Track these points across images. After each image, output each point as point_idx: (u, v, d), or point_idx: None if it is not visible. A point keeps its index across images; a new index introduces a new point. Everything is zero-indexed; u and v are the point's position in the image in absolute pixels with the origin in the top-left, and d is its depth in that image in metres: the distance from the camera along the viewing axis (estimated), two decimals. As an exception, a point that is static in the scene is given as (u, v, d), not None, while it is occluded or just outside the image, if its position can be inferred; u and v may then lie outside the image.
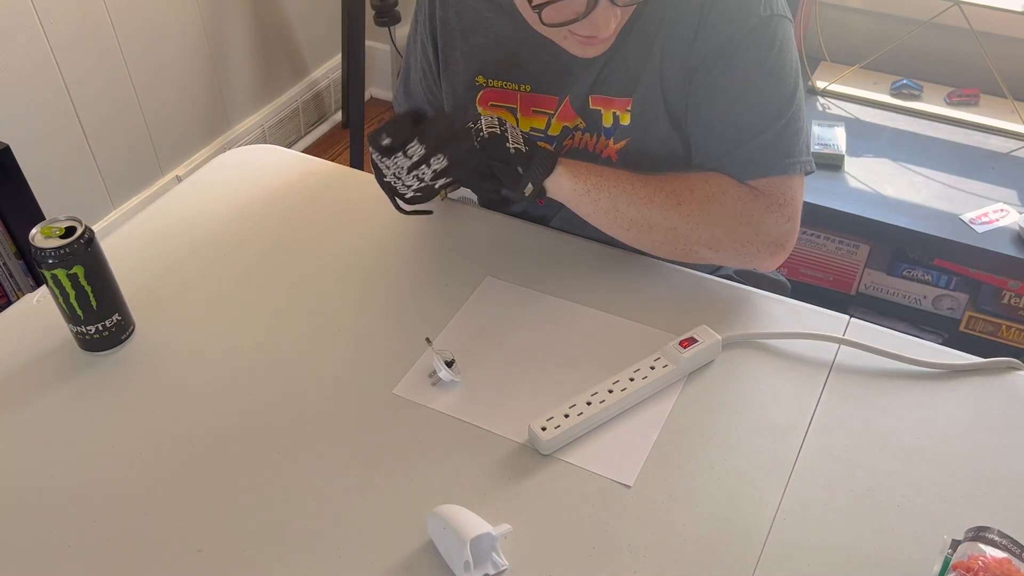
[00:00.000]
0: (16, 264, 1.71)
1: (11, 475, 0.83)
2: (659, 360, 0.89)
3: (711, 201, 0.94)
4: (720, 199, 0.94)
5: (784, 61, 0.93)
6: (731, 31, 0.92)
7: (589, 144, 1.04)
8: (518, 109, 1.06)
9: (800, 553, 0.75)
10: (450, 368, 0.89)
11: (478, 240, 1.09)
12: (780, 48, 0.93)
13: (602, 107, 1.01)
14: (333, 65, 2.78)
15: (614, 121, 1.01)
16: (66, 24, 1.92)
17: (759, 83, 0.93)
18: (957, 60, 2.01)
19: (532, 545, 0.76)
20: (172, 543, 0.77)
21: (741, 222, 0.94)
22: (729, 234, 0.94)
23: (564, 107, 1.03)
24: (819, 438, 0.85)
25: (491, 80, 1.05)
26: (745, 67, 0.93)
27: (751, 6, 0.92)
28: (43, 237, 0.87)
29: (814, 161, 0.98)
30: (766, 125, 0.94)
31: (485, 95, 1.07)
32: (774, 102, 0.94)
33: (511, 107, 1.06)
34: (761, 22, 0.92)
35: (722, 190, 0.95)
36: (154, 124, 2.22)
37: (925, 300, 1.86)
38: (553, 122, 1.04)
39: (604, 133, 1.02)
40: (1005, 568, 0.66)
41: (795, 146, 0.95)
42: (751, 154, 0.95)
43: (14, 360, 0.94)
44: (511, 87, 1.05)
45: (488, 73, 1.05)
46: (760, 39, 0.92)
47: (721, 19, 0.92)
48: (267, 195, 1.18)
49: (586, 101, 1.01)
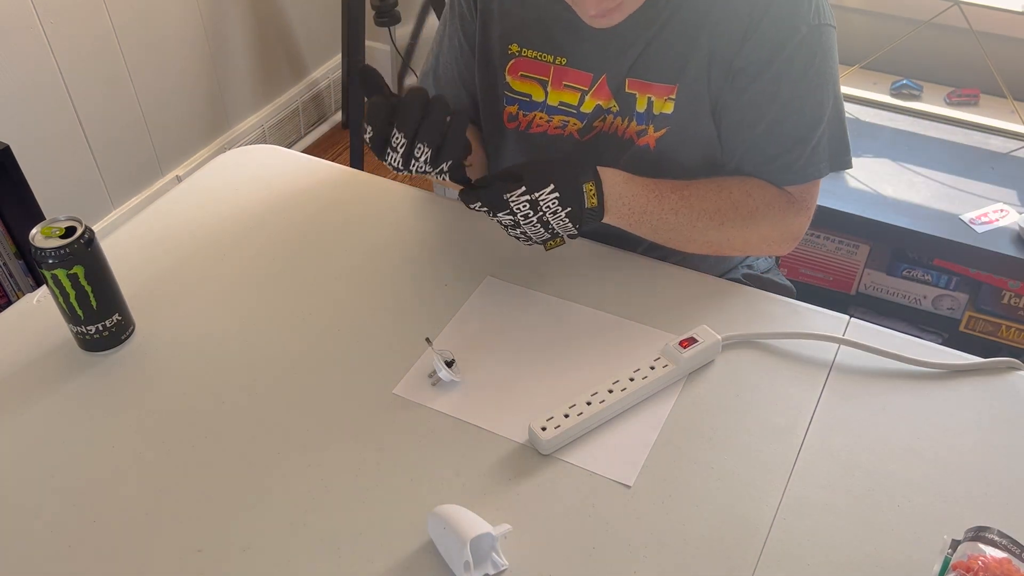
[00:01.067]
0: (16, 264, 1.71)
1: (11, 475, 0.83)
2: (659, 360, 0.89)
3: (754, 215, 0.97)
4: (763, 212, 0.98)
5: (827, 69, 0.95)
6: (783, 38, 0.92)
7: (619, 128, 1.04)
8: (549, 82, 1.05)
9: (800, 553, 0.75)
10: (450, 368, 0.89)
11: (478, 240, 1.09)
12: (824, 56, 0.94)
13: (638, 91, 1.01)
14: (333, 65, 2.79)
15: (648, 107, 1.01)
16: (66, 24, 1.92)
17: (803, 93, 0.95)
18: (957, 60, 2.01)
19: (532, 545, 0.76)
20: (172, 543, 0.77)
21: (774, 227, 0.99)
22: (760, 237, 1.00)
23: (600, 85, 1.02)
24: (819, 438, 0.85)
25: (525, 50, 1.04)
26: (793, 77, 0.94)
27: (803, 14, 0.92)
28: (43, 237, 0.87)
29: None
30: (807, 133, 0.96)
31: (516, 64, 1.05)
32: (816, 111, 0.96)
33: (542, 79, 1.05)
34: (811, 31, 0.92)
35: (765, 203, 0.98)
36: (154, 124, 2.22)
37: (925, 300, 1.86)
38: (587, 99, 1.04)
39: (636, 119, 1.02)
40: (1005, 568, 0.66)
41: (826, 151, 0.98)
42: (792, 163, 0.97)
43: (14, 360, 0.94)
44: (546, 58, 1.04)
45: (523, 42, 1.04)
46: (809, 48, 0.93)
47: (773, 25, 0.92)
48: (267, 195, 1.18)
49: (623, 83, 1.01)
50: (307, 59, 2.69)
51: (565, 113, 1.06)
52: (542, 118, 1.07)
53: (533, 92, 1.06)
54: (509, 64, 1.06)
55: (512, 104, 1.08)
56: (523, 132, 1.09)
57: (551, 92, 1.05)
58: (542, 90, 1.06)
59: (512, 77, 1.06)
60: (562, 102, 1.05)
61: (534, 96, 1.06)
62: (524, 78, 1.06)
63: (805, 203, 1.01)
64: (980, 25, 1.89)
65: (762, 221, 0.98)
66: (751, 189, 0.98)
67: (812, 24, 0.93)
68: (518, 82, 1.06)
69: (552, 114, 1.06)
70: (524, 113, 1.08)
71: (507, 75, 1.06)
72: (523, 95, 1.07)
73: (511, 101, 1.08)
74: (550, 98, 1.05)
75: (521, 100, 1.07)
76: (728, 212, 0.97)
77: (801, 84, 0.95)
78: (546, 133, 1.08)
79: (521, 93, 1.07)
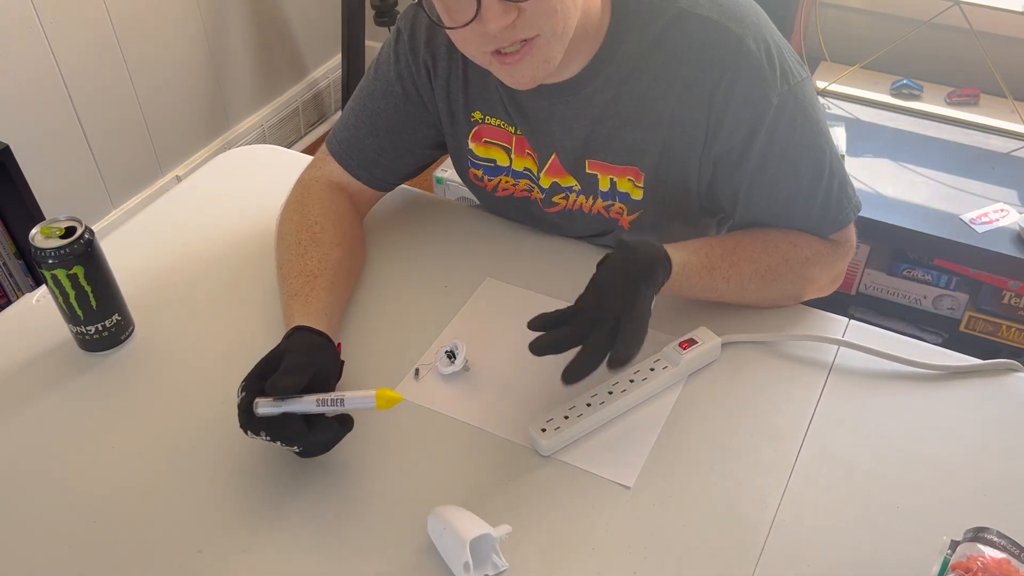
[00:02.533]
0: (16, 264, 1.71)
1: (11, 475, 0.83)
2: (659, 362, 0.89)
3: (804, 266, 0.96)
4: (813, 261, 0.96)
5: (811, 124, 0.92)
6: (756, 116, 0.89)
7: (584, 206, 1.03)
8: (512, 149, 1.03)
9: (800, 553, 0.75)
10: (452, 361, 0.89)
11: (478, 241, 1.09)
12: (805, 111, 0.91)
13: (599, 172, 0.99)
14: (333, 65, 2.79)
15: (611, 186, 1.00)
16: (66, 24, 1.92)
17: (796, 156, 0.92)
18: (957, 60, 2.01)
19: (532, 545, 0.76)
20: (172, 543, 0.77)
21: (824, 272, 0.97)
22: (811, 284, 0.97)
23: (553, 163, 1.01)
24: (818, 439, 0.85)
25: (488, 117, 1.02)
26: (782, 147, 0.91)
27: (770, 85, 0.88)
28: (43, 237, 0.87)
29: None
30: (815, 189, 0.93)
31: (479, 131, 1.03)
32: (816, 165, 0.93)
33: (505, 146, 1.03)
34: (782, 99, 0.89)
35: (814, 252, 0.96)
36: (154, 124, 2.22)
37: (925, 300, 1.86)
38: (542, 175, 1.03)
39: (601, 196, 1.01)
40: (1004, 569, 0.66)
41: (844, 194, 0.96)
42: (818, 219, 0.96)
43: (14, 360, 0.94)
44: (508, 128, 1.02)
45: (486, 110, 1.02)
46: (786, 114, 0.90)
47: (742, 108, 0.89)
48: (267, 195, 1.17)
49: (582, 163, 0.99)
50: (307, 59, 2.69)
51: (530, 179, 1.05)
52: (508, 182, 1.06)
53: (497, 157, 1.04)
54: (472, 131, 1.04)
55: (477, 168, 1.07)
56: (490, 193, 1.09)
57: (515, 158, 1.04)
58: (506, 156, 1.04)
59: (476, 144, 1.04)
60: (527, 168, 1.04)
61: (499, 161, 1.05)
62: (488, 144, 1.04)
63: (849, 243, 0.99)
64: (980, 25, 1.89)
65: (812, 269, 0.96)
66: (796, 240, 0.96)
67: (782, 91, 0.89)
68: (481, 148, 1.04)
69: (518, 178, 1.05)
70: (489, 178, 1.07)
71: (470, 142, 1.04)
72: (487, 160, 1.05)
73: (475, 166, 1.06)
74: (515, 164, 1.04)
75: (485, 165, 1.06)
76: (780, 268, 0.94)
77: (792, 150, 0.92)
78: (512, 196, 1.07)
79: (485, 159, 1.05)
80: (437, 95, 1.02)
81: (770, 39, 0.90)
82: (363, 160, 1.05)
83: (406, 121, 1.04)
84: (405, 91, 1.02)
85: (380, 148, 1.05)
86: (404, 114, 1.03)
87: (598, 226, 1.05)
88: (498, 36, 0.81)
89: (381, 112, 1.03)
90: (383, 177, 1.07)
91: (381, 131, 1.04)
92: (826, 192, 0.94)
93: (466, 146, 1.05)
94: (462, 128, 1.04)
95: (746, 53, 0.88)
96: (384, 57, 1.03)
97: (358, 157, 1.05)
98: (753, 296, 0.96)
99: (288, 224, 1.00)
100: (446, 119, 1.04)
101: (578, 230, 1.07)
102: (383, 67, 1.03)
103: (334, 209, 1.02)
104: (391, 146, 1.05)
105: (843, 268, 1.00)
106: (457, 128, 1.04)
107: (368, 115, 1.04)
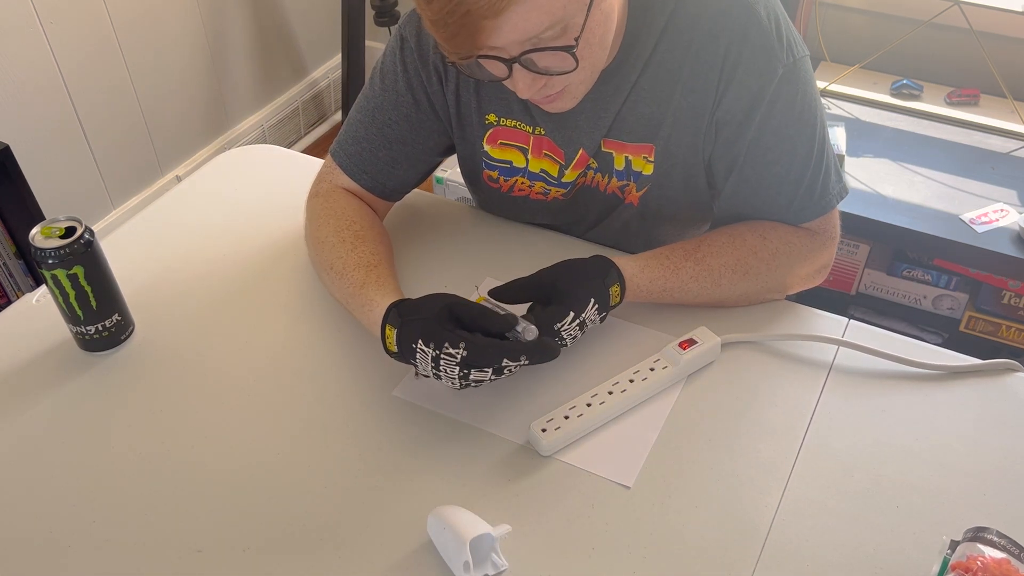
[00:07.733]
0: (16, 264, 1.71)
1: (11, 475, 0.83)
2: (659, 362, 0.89)
3: (776, 257, 0.96)
4: (785, 252, 0.96)
5: (809, 101, 0.94)
6: (760, 84, 0.91)
7: (600, 184, 1.03)
8: (530, 150, 1.03)
9: (799, 553, 0.75)
10: None
11: (478, 240, 1.09)
12: (804, 90, 0.93)
13: (614, 150, 1.00)
14: (333, 65, 2.79)
15: (626, 164, 1.00)
16: (66, 24, 1.92)
17: (793, 133, 0.93)
18: (957, 60, 2.01)
19: (532, 545, 0.76)
20: (172, 543, 0.77)
21: (803, 263, 0.98)
22: (793, 276, 0.98)
23: (579, 158, 1.01)
24: (818, 439, 0.85)
25: (504, 119, 1.01)
26: (779, 122, 0.92)
27: (776, 56, 0.90)
28: (43, 237, 0.87)
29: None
30: (805, 170, 0.95)
31: (495, 133, 1.03)
32: (808, 144, 0.94)
33: (522, 147, 1.03)
34: (787, 71, 0.91)
35: (785, 243, 0.97)
36: (154, 124, 2.22)
37: (925, 300, 1.86)
38: (567, 172, 1.03)
39: (616, 175, 1.02)
40: (1004, 568, 0.66)
41: (830, 179, 0.97)
42: (802, 202, 0.96)
43: (14, 360, 0.94)
44: (525, 128, 1.02)
45: (501, 112, 1.01)
46: (788, 88, 0.91)
47: (749, 75, 0.91)
48: (267, 195, 1.18)
49: (599, 144, 1.00)
50: (307, 59, 2.69)
51: (546, 182, 1.04)
52: (523, 183, 1.06)
53: (513, 159, 1.04)
54: (487, 134, 1.03)
55: (492, 170, 1.06)
56: (505, 194, 1.08)
57: (532, 159, 1.03)
58: (523, 157, 1.04)
59: (491, 146, 1.04)
60: (543, 170, 1.04)
61: (515, 162, 1.04)
62: (503, 146, 1.04)
63: (828, 234, 1.00)
64: (980, 25, 1.89)
65: (788, 260, 0.97)
66: (764, 232, 0.97)
67: (787, 63, 0.91)
68: (497, 150, 1.04)
69: (534, 180, 1.05)
70: (505, 179, 1.07)
71: (485, 144, 1.04)
72: (503, 162, 1.05)
73: (491, 167, 1.06)
74: (531, 165, 1.04)
75: (501, 167, 1.06)
76: (749, 260, 0.95)
77: (789, 126, 0.93)
78: (528, 197, 1.07)
79: (501, 160, 1.05)
80: (448, 99, 1.02)
81: (779, 11, 0.92)
82: (376, 174, 1.04)
83: (418, 131, 1.03)
84: (416, 101, 1.01)
85: (393, 160, 1.04)
86: (415, 124, 1.03)
87: (608, 205, 1.05)
88: (521, 89, 0.85)
89: (392, 124, 1.02)
90: (396, 188, 1.06)
91: (394, 143, 1.03)
92: (813, 173, 0.95)
93: (481, 148, 1.05)
94: (475, 131, 1.04)
95: (757, 21, 0.90)
96: (390, 66, 1.02)
97: (371, 171, 1.04)
98: (730, 292, 0.96)
99: (324, 229, 0.99)
100: (456, 122, 1.04)
101: (587, 211, 1.07)
102: (390, 77, 1.02)
103: (365, 211, 1.03)
104: (404, 157, 1.04)
105: (828, 258, 1.01)
106: (469, 131, 1.04)
107: (378, 127, 1.03)
